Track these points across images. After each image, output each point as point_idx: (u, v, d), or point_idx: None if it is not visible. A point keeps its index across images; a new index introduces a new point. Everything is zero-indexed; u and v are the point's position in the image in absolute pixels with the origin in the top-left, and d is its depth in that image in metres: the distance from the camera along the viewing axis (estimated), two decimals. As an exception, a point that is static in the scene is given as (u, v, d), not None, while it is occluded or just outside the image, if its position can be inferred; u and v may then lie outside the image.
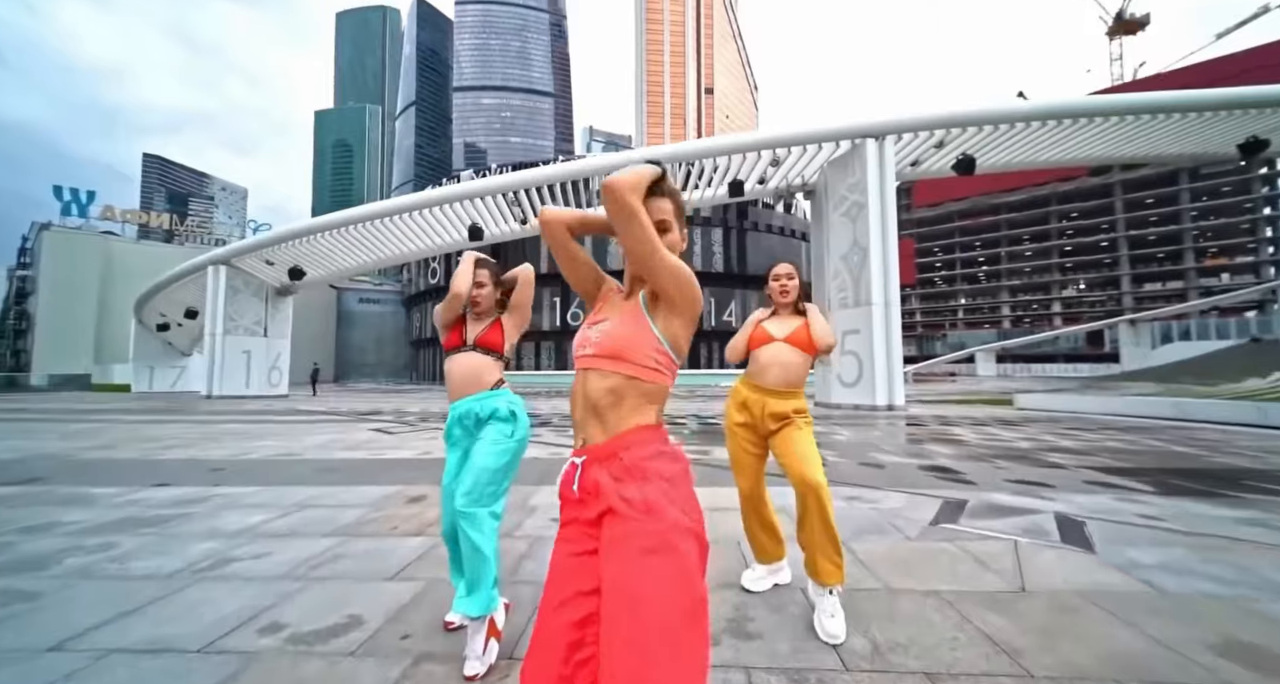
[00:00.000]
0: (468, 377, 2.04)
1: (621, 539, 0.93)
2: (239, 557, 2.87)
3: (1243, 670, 1.69)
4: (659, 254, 1.01)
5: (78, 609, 2.25)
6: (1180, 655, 1.78)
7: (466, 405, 2.02)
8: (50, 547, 3.07)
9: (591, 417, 1.06)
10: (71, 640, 1.98)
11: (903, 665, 1.74)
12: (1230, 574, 2.47)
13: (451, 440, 2.08)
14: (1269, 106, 12.36)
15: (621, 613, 0.86)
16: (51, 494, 4.39)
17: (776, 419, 2.21)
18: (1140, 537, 3.02)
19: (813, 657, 1.81)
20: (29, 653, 1.90)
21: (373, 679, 1.70)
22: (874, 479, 4.62)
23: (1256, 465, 5.22)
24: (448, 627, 2.03)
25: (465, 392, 2.03)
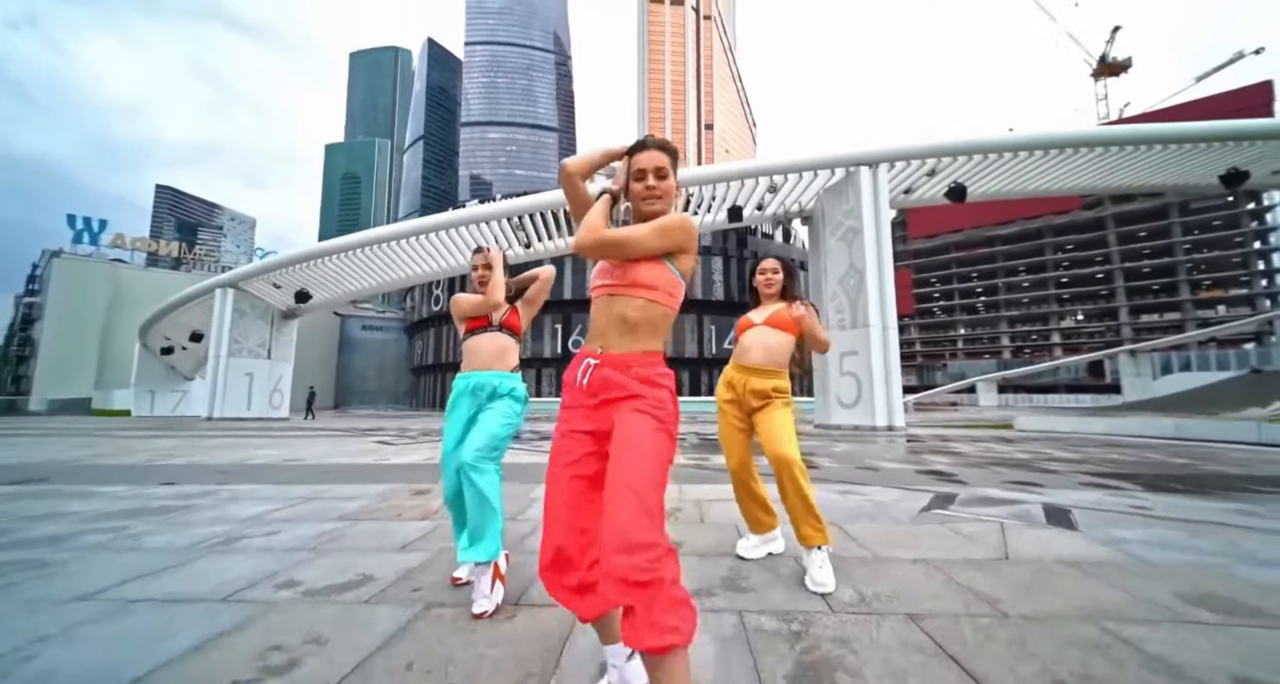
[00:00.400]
0: (495, 353, 2.22)
1: (638, 418, 1.27)
2: (249, 535, 2.96)
3: (1208, 614, 1.79)
4: (631, 245, 1.32)
5: (99, 572, 2.34)
6: (1150, 603, 1.88)
7: (485, 378, 2.19)
8: (64, 530, 3.15)
9: (615, 330, 1.34)
10: (97, 593, 2.08)
11: (886, 609, 1.84)
12: (1213, 548, 2.56)
13: (456, 409, 2.22)
14: (1245, 139, 12.85)
15: (630, 450, 1.22)
16: (59, 491, 4.47)
17: (758, 397, 2.35)
18: (1126, 521, 3.10)
19: (802, 604, 1.90)
20: (57, 602, 1.99)
21: (388, 620, 1.80)
22: (869, 479, 4.69)
23: (1249, 472, 5.30)
24: (454, 582, 2.12)
25: (490, 366, 2.20)
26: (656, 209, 1.39)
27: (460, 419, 2.20)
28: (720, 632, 1.68)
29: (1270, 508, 3.53)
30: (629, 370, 1.30)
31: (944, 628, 1.69)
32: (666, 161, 1.37)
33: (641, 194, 1.38)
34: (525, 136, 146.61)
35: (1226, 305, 55.29)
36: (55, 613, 1.88)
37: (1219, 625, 1.71)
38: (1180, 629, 1.67)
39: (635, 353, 1.32)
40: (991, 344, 68.05)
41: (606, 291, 1.36)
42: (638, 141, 1.41)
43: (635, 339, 1.33)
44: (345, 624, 1.78)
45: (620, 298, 1.33)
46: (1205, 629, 1.67)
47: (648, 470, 1.18)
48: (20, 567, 2.42)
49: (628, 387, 1.29)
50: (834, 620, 1.76)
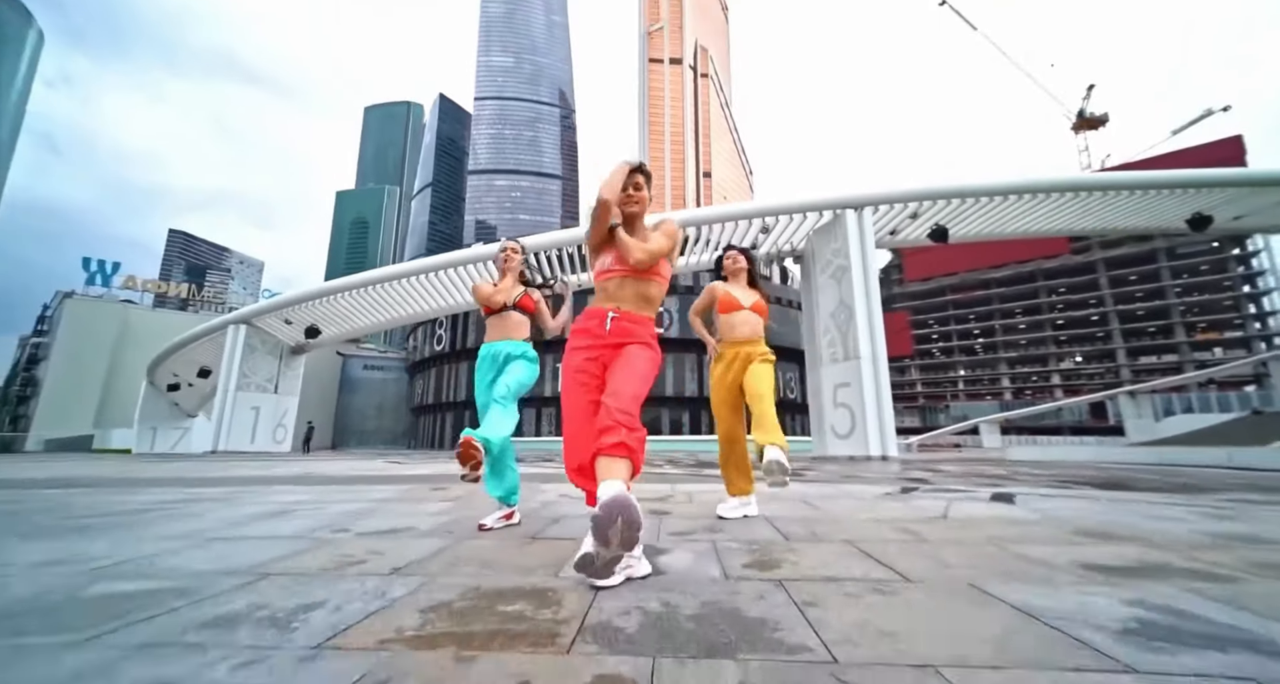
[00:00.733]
0: (510, 327, 2.81)
1: (641, 349, 1.96)
2: (298, 511, 3.39)
3: (1084, 539, 2.24)
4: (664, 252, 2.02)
5: (184, 527, 2.79)
6: (1044, 536, 2.33)
7: (504, 346, 2.78)
8: (138, 508, 3.59)
9: (633, 301, 2.02)
10: (193, 533, 2.53)
11: (832, 538, 2.29)
12: (1121, 512, 2.99)
13: (481, 371, 2.82)
14: (1203, 187, 13.76)
15: (625, 367, 1.89)
16: (114, 491, 4.89)
17: (747, 360, 2.87)
18: (1061, 502, 3.53)
19: (762, 535, 2.36)
20: (168, 538, 2.44)
21: (432, 544, 2.25)
22: (851, 481, 5.09)
23: (1204, 484, 5.68)
24: (481, 527, 2.57)
25: (506, 336, 2.76)
26: (633, 210, 2.04)
27: (485, 378, 2.79)
28: (696, 550, 2.13)
29: (1192, 496, 3.94)
30: (642, 326, 2.00)
31: (872, 546, 2.14)
32: (641, 180, 2.03)
33: (623, 200, 2.01)
34: (530, 184, 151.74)
35: (1223, 347, 55.76)
36: (160, 544, 2.34)
37: (1086, 544, 2.16)
38: (1058, 546, 2.12)
39: (646, 316, 2.02)
40: (992, 385, 68.18)
41: (625, 274, 2.01)
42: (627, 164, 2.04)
43: (649, 307, 2.04)
44: (398, 546, 2.23)
45: (642, 280, 2.01)
46: (1074, 546, 2.12)
47: (638, 378, 1.85)
48: (110, 528, 2.86)
49: (639, 335, 1.97)
50: (787, 544, 2.21)
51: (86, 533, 2.62)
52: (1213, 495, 4.11)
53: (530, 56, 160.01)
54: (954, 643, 1.16)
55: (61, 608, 1.47)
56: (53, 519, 3.09)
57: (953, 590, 1.54)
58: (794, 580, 1.66)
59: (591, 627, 1.28)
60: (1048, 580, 1.63)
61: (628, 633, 1.24)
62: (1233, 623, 1.26)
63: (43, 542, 2.40)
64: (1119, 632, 1.21)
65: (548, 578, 1.72)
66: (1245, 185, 14.01)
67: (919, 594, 1.51)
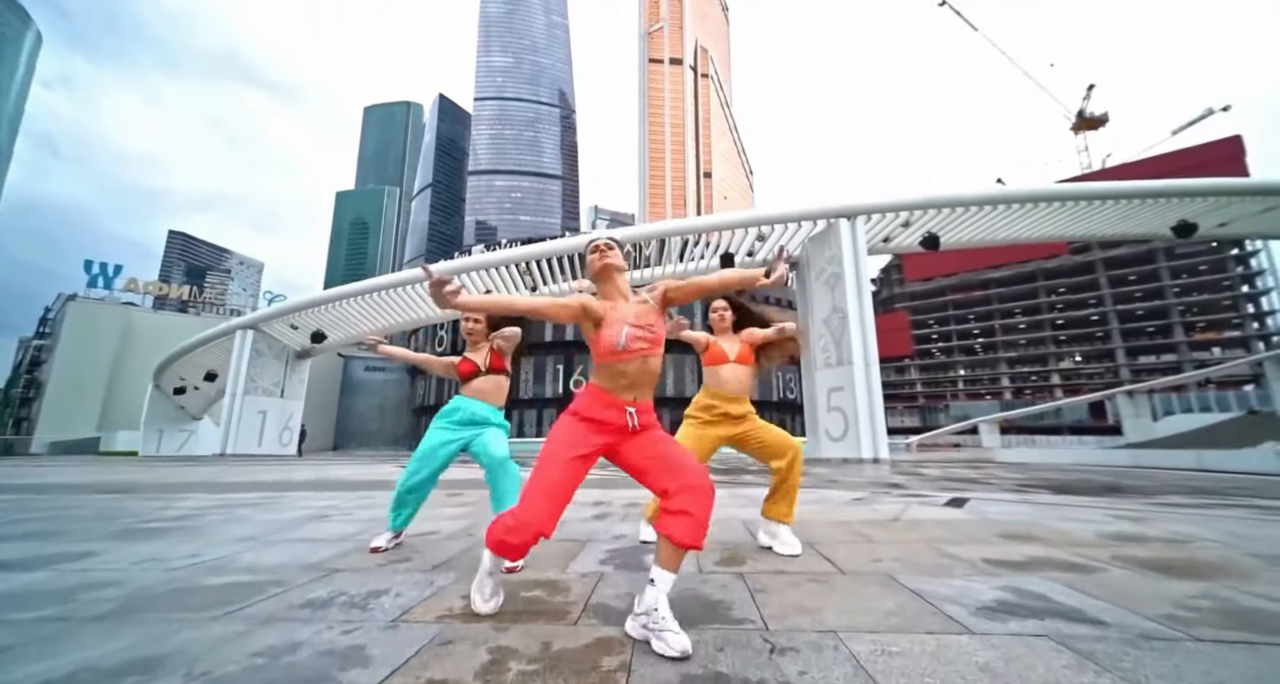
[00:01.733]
0: (492, 392, 2.79)
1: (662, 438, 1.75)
2: (332, 515, 3.85)
3: (1000, 540, 2.68)
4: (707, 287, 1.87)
5: (237, 531, 3.24)
6: (970, 536, 2.78)
7: (483, 411, 2.74)
8: (185, 514, 4.04)
9: (647, 384, 1.76)
10: (248, 538, 2.99)
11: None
12: (1047, 516, 3.43)
13: (452, 424, 2.72)
14: (1186, 196, 14.19)
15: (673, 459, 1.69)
16: (150, 497, 5.35)
17: (737, 418, 2.89)
18: (1005, 507, 3.97)
19: (735, 538, 2.80)
20: (226, 541, 2.90)
21: (455, 547, 2.70)
22: (829, 486, 5.54)
23: (1153, 487, 6.13)
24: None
25: (488, 401, 2.82)
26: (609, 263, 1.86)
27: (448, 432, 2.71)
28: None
29: (1123, 499, 4.38)
30: (652, 412, 1.79)
31: (826, 545, 2.60)
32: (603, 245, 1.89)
33: (595, 263, 1.85)
34: (530, 184, 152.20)
35: (1222, 347, 56.09)
36: (233, 546, 2.79)
37: (999, 544, 2.61)
38: (976, 545, 2.57)
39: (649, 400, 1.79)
40: (992, 385, 68.57)
41: (646, 353, 1.72)
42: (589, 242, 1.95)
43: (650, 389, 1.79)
44: (430, 547, 2.69)
45: (653, 357, 1.74)
46: (989, 546, 2.57)
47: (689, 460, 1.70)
48: (178, 530, 3.31)
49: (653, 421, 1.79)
50: (753, 544, 2.66)
51: (163, 536, 3.07)
52: (1147, 499, 4.56)
53: (530, 56, 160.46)
54: (854, 616, 1.61)
55: (190, 593, 1.92)
56: (123, 524, 3.54)
57: (872, 580, 1.99)
58: (752, 574, 2.11)
59: (593, 607, 1.73)
60: (948, 571, 2.08)
61: (619, 611, 1.68)
62: (1063, 601, 1.71)
63: (132, 544, 2.86)
64: (976, 608, 1.66)
65: (558, 573, 2.17)
66: (1226, 194, 14.42)
67: (845, 583, 1.96)
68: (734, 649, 1.39)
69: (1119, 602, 1.70)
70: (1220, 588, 1.85)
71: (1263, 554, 2.38)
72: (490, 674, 1.25)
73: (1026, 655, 1.32)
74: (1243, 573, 2.07)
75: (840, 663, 1.29)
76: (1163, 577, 2.01)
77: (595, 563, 2.32)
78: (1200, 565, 2.18)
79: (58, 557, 2.54)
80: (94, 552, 2.65)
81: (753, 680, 1.21)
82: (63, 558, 2.51)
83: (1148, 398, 41.13)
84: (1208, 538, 2.74)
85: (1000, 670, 1.24)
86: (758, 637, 1.47)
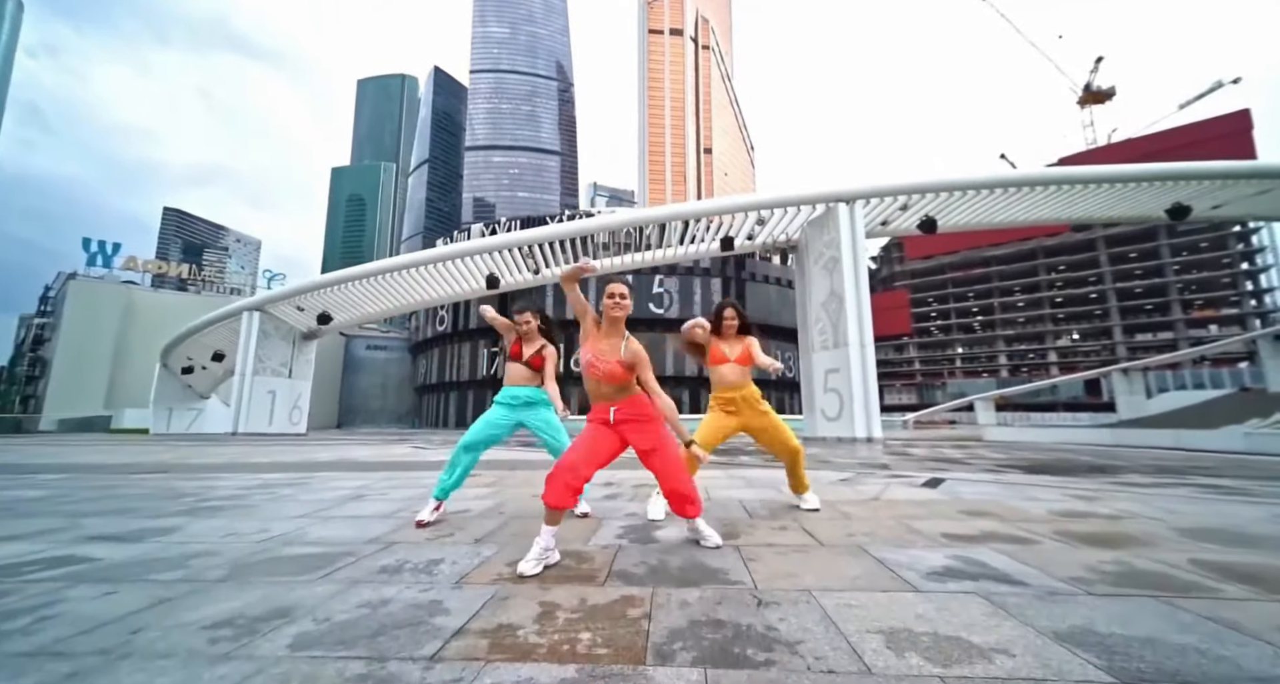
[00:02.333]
0: (522, 377, 3.40)
1: (662, 434, 2.54)
2: (368, 495, 4.26)
3: (964, 515, 3.09)
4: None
5: (288, 510, 3.66)
6: (938, 513, 3.19)
7: (519, 391, 3.39)
8: (233, 493, 4.46)
9: (601, 397, 2.52)
10: (303, 515, 3.40)
11: (781, 517, 3.15)
12: (1009, 494, 3.85)
13: (500, 406, 3.38)
14: (1180, 180, 14.36)
15: (667, 455, 2.52)
16: (190, 477, 5.77)
17: (755, 402, 3.38)
18: (977, 487, 4.39)
19: (732, 515, 3.21)
20: (286, 518, 3.30)
21: (491, 524, 3.11)
22: (819, 467, 5.97)
23: (1116, 464, 6.57)
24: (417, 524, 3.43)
25: (519, 383, 3.40)
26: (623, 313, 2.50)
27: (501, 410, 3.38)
28: (681, 526, 2.99)
29: (1086, 479, 4.80)
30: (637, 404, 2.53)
31: (811, 521, 3.01)
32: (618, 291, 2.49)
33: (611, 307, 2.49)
34: (528, 160, 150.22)
35: (1219, 325, 56.43)
36: (292, 522, 3.20)
37: (960, 520, 3.02)
38: (940, 521, 2.98)
39: (635, 395, 2.55)
40: (989, 363, 69.16)
41: (596, 376, 2.48)
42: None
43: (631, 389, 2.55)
44: (469, 522, 3.09)
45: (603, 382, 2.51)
46: (951, 521, 2.97)
47: (677, 459, 2.58)
48: (235, 508, 3.72)
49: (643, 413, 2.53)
50: (748, 522, 3.07)
51: (225, 513, 3.49)
52: (1108, 479, 4.99)
53: (527, 27, 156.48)
54: (825, 579, 2.01)
55: (280, 561, 2.32)
56: (185, 503, 3.96)
57: (844, 551, 2.39)
58: (746, 546, 2.52)
59: (615, 572, 2.13)
60: (911, 544, 2.49)
61: (638, 575, 2.08)
62: (999, 567, 2.12)
63: (204, 520, 3.26)
64: (926, 572, 2.06)
65: (582, 545, 2.57)
66: (1222, 177, 14.59)
67: (822, 553, 2.37)
68: (729, 603, 1.78)
69: (1043, 567, 2.11)
70: (1128, 555, 2.26)
71: (1180, 527, 2.79)
72: (544, 620, 1.65)
73: (955, 606, 1.71)
74: (1154, 542, 2.47)
75: (811, 612, 1.69)
76: (1087, 547, 2.42)
77: (612, 537, 2.73)
78: (1122, 537, 2.59)
79: (148, 531, 2.94)
80: (177, 527, 3.05)
81: (743, 624, 1.61)
82: (152, 532, 2.92)
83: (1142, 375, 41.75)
84: (1144, 514, 3.16)
85: (932, 617, 1.64)
86: (748, 594, 1.87)
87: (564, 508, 2.25)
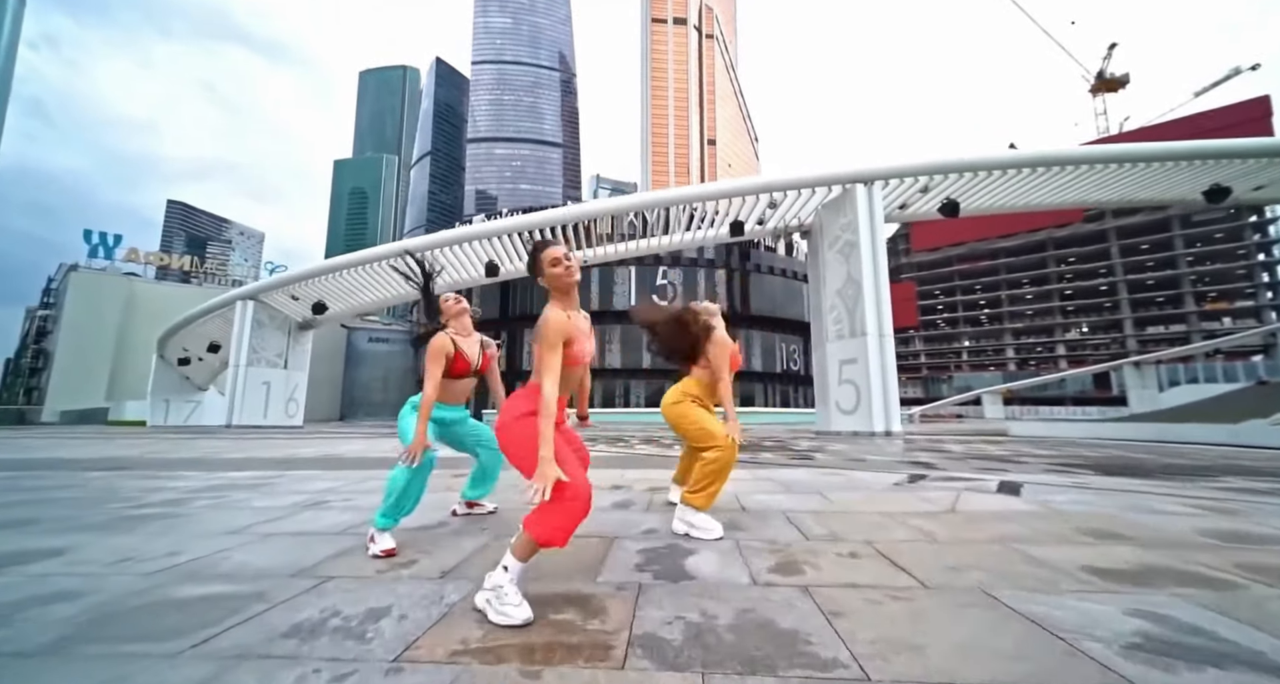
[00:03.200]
0: (467, 393, 2.81)
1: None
2: (330, 501, 3.56)
3: (1088, 538, 2.36)
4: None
5: (228, 520, 2.95)
6: (1049, 532, 2.46)
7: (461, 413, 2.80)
8: (176, 497, 3.76)
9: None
10: (241, 530, 2.69)
11: (846, 537, 2.42)
12: (1117, 504, 3.12)
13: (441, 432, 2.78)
14: (1224, 158, 13.47)
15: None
16: (147, 474, 5.09)
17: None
18: (1066, 491, 3.66)
19: (783, 536, 2.49)
20: (214, 535, 2.60)
21: (471, 543, 2.40)
22: (855, 467, 5.25)
23: (1197, 465, 5.82)
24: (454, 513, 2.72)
25: (463, 403, 2.81)
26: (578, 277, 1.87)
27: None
28: (720, 549, 2.27)
29: (1187, 483, 4.07)
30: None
31: (887, 545, 2.28)
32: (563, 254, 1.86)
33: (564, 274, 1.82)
34: (530, 152, 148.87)
35: (1232, 317, 55.33)
36: (218, 540, 2.49)
37: (1087, 543, 2.29)
38: (1062, 545, 2.25)
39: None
40: (996, 356, 68.21)
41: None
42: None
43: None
44: (443, 545, 2.38)
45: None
46: (1082, 547, 2.25)
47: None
48: (163, 518, 3.02)
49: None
50: (806, 545, 2.34)
51: (145, 525, 2.78)
52: (1212, 482, 4.24)
53: (529, 17, 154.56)
54: (971, 658, 1.28)
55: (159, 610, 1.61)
56: (108, 512, 3.26)
57: (965, 598, 1.67)
58: (818, 587, 1.80)
59: (639, 639, 1.42)
60: (1051, 585, 1.76)
61: (673, 646, 1.37)
62: (1226, 635, 1.39)
63: (111, 536, 2.56)
64: (1122, 645, 1.33)
65: (587, 584, 1.86)
66: (1266, 156, 13.68)
67: (932, 601, 1.64)
68: (837, 713, 1.06)
69: (1287, 634, 1.38)
70: (1401, 613, 1.53)
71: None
72: (525, 760, 0.93)
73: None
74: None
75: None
76: (1313, 594, 1.69)
77: (630, 569, 2.01)
78: (1345, 577, 1.85)
79: (16, 555, 2.24)
80: (67, 547, 2.36)
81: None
82: (23, 556, 2.22)
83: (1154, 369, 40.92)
84: (1317, 535, 2.42)
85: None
86: (857, 688, 1.15)
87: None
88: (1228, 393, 33.58)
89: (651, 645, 1.37)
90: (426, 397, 2.42)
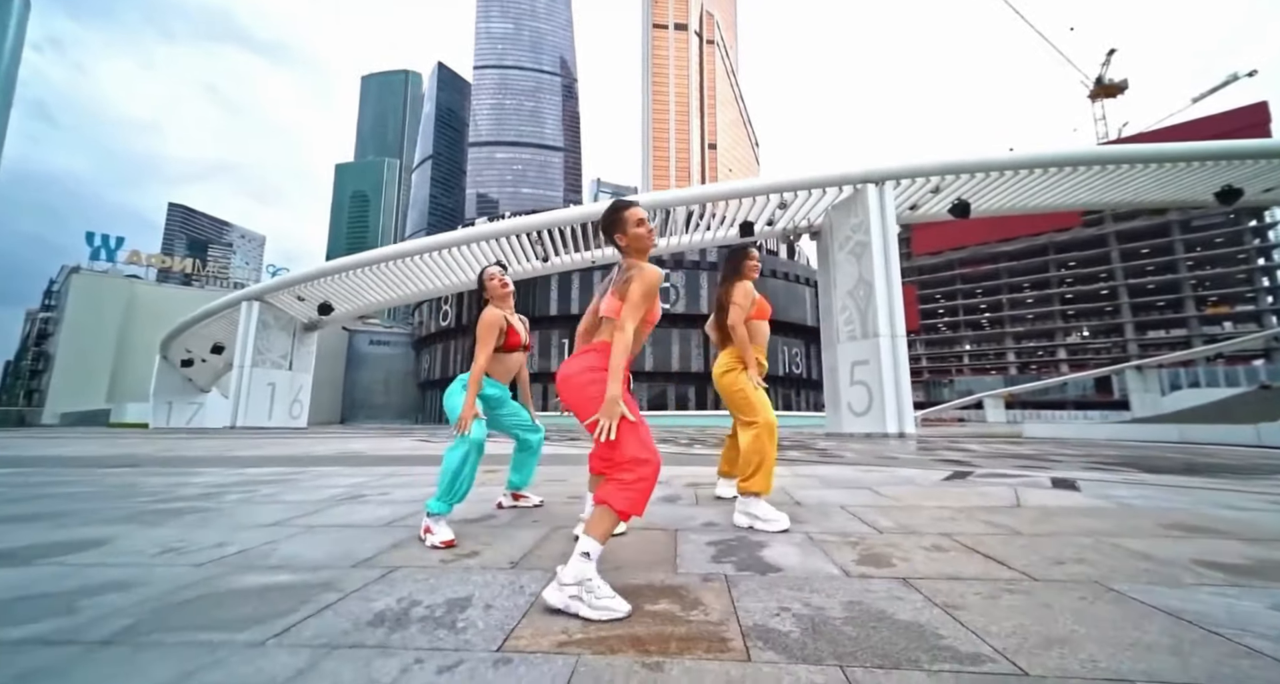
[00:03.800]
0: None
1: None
2: (367, 495, 3.45)
3: (1179, 532, 2.26)
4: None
5: (265, 514, 2.84)
6: (1134, 527, 2.35)
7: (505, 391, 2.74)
8: (207, 492, 3.65)
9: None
10: (282, 522, 2.58)
11: (924, 531, 2.32)
12: (1190, 499, 3.02)
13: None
14: (1237, 159, 13.43)
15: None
16: (165, 471, 4.97)
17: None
18: (1123, 487, 3.56)
19: (852, 529, 2.39)
20: (258, 526, 2.49)
21: (528, 536, 2.29)
22: (891, 463, 5.15)
23: (1238, 464, 5.72)
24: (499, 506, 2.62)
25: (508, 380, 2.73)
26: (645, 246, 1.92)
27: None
28: (793, 541, 2.16)
29: (1245, 481, 3.97)
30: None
31: (971, 538, 2.18)
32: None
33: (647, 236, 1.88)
34: (531, 156, 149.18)
35: (1233, 322, 55.33)
36: (261, 532, 2.39)
37: (1183, 537, 2.18)
38: (1156, 539, 2.15)
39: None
40: (998, 360, 68.15)
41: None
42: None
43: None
44: (500, 536, 2.27)
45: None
46: (1177, 541, 2.14)
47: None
48: (196, 512, 2.91)
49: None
50: (882, 537, 2.24)
51: (179, 518, 2.67)
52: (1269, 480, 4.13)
53: (530, 22, 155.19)
54: (1126, 652, 1.18)
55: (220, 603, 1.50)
56: (134, 505, 3.15)
57: (1085, 590, 1.56)
58: (918, 580, 1.69)
59: (751, 630, 1.31)
60: (1172, 578, 1.66)
61: (794, 638, 1.26)
62: (1393, 628, 1.28)
63: (147, 529, 2.45)
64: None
65: (668, 573, 1.76)
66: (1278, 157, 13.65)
67: (1050, 593, 1.54)
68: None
69: None
70: None
71: None
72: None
73: None
74: None
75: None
76: None
77: (707, 561, 1.91)
78: None
79: (57, 547, 2.13)
80: (105, 538, 2.25)
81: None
82: (63, 548, 2.11)
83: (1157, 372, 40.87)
84: None
85: None
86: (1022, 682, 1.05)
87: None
88: (1230, 397, 33.51)
89: (769, 637, 1.27)
90: (478, 365, 2.34)
